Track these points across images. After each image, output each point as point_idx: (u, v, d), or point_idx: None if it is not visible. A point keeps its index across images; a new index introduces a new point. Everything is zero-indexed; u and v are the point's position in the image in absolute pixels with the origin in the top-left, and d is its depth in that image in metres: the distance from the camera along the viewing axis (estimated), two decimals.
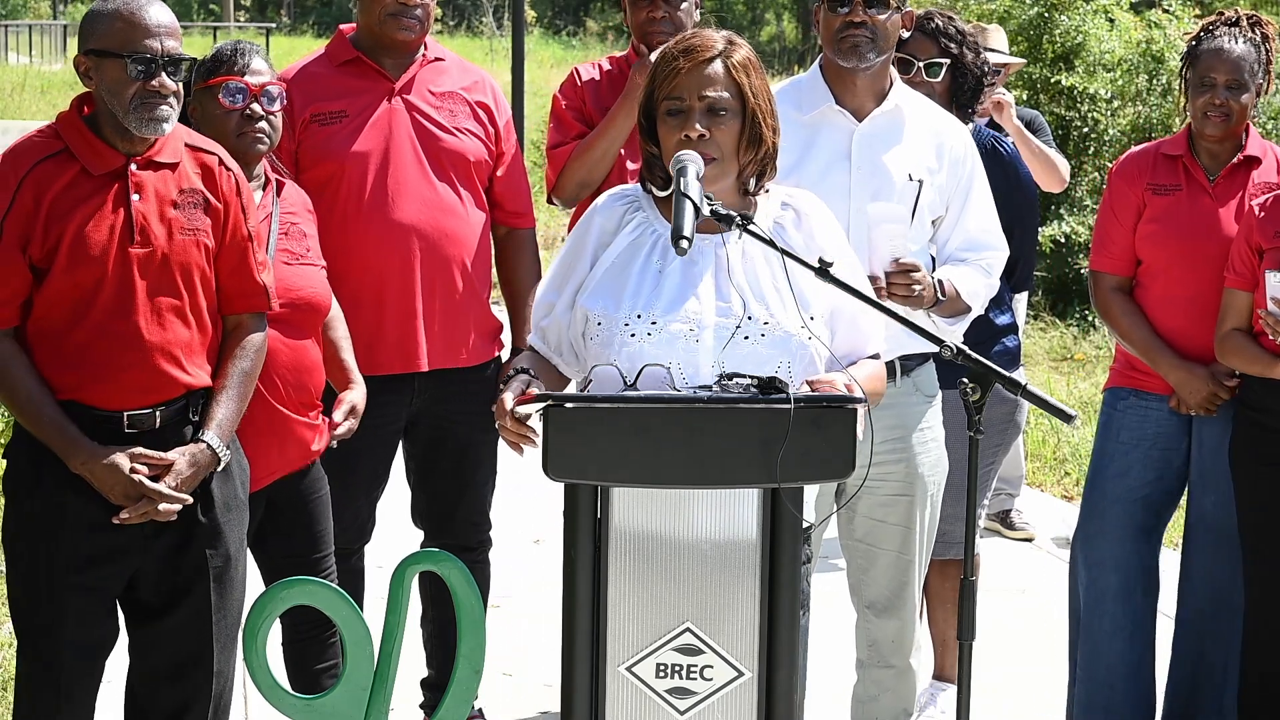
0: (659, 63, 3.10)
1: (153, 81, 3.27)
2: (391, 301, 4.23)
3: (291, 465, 3.82)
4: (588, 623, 2.81)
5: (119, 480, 3.29)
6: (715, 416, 2.75)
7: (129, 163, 3.33)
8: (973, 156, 3.95)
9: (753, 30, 40.36)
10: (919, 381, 3.95)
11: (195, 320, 3.39)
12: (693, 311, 3.00)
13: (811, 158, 3.81)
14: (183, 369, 3.37)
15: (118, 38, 3.29)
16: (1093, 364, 10.22)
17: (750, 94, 3.07)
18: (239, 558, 3.52)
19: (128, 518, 3.30)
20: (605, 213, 3.16)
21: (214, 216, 3.42)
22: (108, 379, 3.31)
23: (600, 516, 2.81)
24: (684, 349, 2.97)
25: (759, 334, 3.00)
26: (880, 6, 3.77)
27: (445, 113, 4.33)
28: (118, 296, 3.30)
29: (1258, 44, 4.21)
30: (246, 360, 3.48)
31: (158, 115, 3.29)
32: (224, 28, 36.18)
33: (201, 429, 3.40)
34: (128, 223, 3.30)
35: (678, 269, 3.04)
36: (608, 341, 3.01)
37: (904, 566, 3.98)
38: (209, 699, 3.49)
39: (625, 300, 3.02)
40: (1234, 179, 4.24)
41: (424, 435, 4.41)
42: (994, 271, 3.96)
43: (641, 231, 3.10)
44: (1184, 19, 11.95)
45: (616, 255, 3.09)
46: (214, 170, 3.44)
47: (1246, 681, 4.18)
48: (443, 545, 4.16)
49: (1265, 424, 4.07)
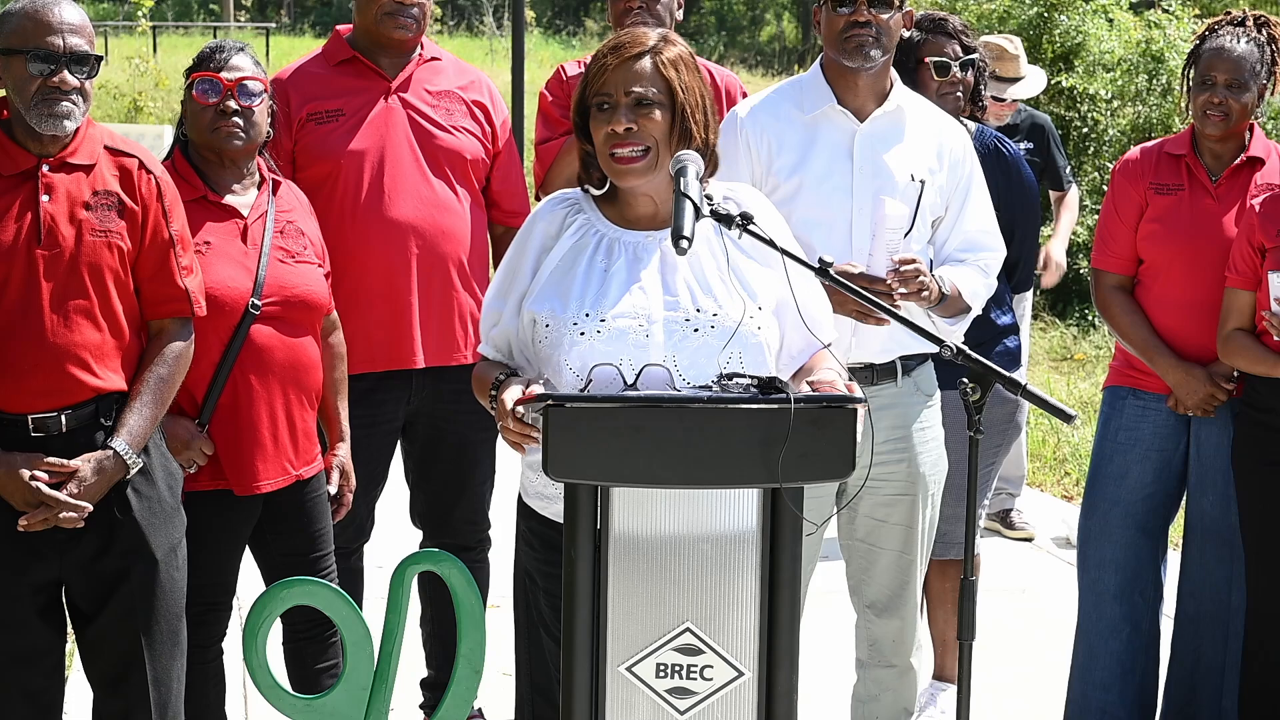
0: (591, 61, 3.11)
1: (54, 78, 3.26)
2: (388, 299, 4.23)
3: (295, 465, 3.81)
4: (588, 623, 2.81)
5: (18, 487, 3.26)
6: (715, 416, 2.75)
7: (40, 164, 3.31)
8: (971, 157, 3.96)
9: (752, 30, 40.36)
10: (919, 381, 3.96)
11: (108, 323, 3.35)
12: (640, 307, 3.00)
13: (814, 157, 3.81)
14: (91, 372, 3.32)
15: (21, 35, 3.29)
16: (1093, 364, 10.23)
17: (680, 89, 3.05)
18: (170, 563, 3.46)
19: (28, 525, 3.26)
20: (546, 217, 3.16)
21: (130, 219, 3.38)
22: (12, 381, 3.28)
23: (600, 516, 2.81)
24: (634, 344, 2.98)
25: (708, 326, 3.00)
26: (884, 6, 3.77)
27: (442, 111, 4.33)
28: (23, 297, 3.27)
29: (1262, 44, 4.20)
30: (164, 366, 3.42)
31: (58, 111, 3.27)
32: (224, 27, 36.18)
33: (111, 435, 3.35)
34: (35, 224, 3.28)
35: (623, 267, 3.05)
36: (557, 342, 3.01)
37: (905, 566, 3.98)
38: (150, 707, 3.44)
39: (572, 300, 3.03)
40: (1236, 180, 4.24)
41: (422, 434, 4.41)
42: (992, 272, 3.96)
43: (584, 233, 3.11)
44: (1184, 19, 11.96)
45: (560, 258, 3.09)
46: (132, 173, 3.41)
47: (1247, 682, 4.17)
48: (442, 545, 4.17)
49: (1269, 424, 4.06)
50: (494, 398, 3.01)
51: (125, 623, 3.41)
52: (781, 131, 3.83)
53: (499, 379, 3.02)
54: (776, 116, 3.86)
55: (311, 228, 3.94)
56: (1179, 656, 4.39)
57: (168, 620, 3.46)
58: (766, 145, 3.82)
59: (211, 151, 3.76)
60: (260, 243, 3.75)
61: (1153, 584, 4.40)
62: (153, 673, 3.44)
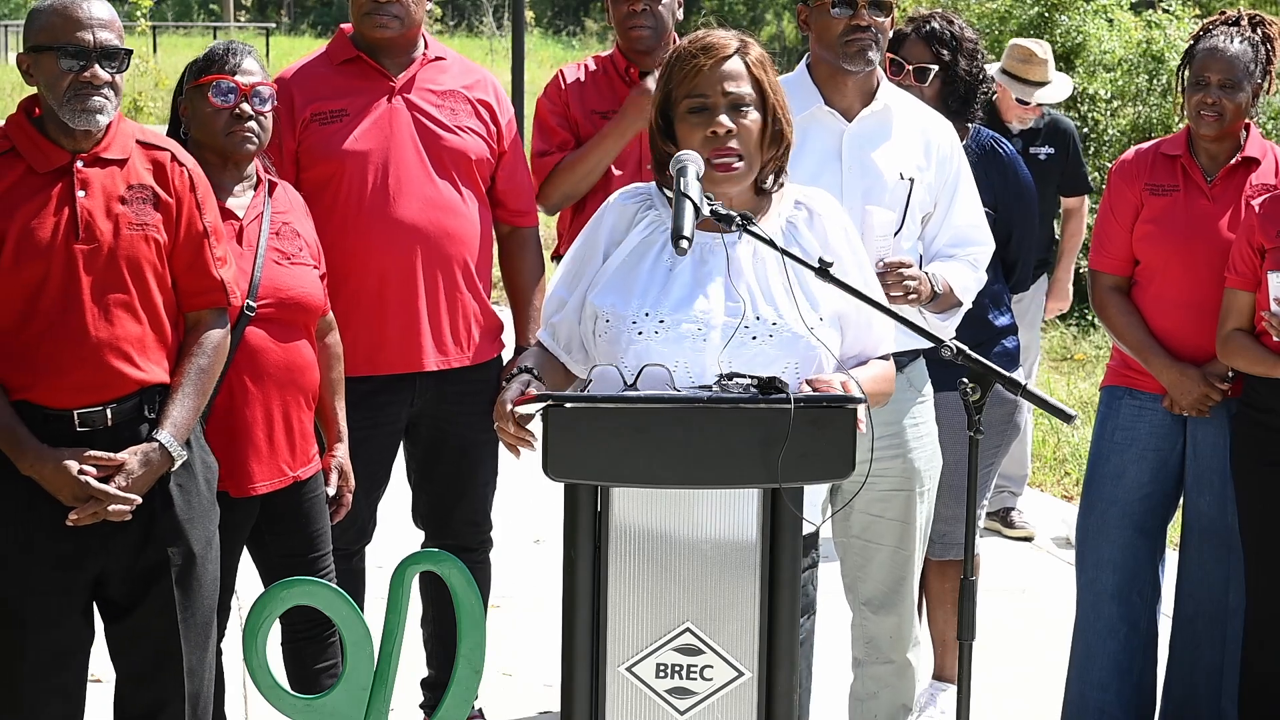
0: (675, 62, 3.09)
1: (85, 73, 3.28)
2: (393, 301, 4.22)
3: (292, 467, 3.82)
4: (588, 623, 2.81)
5: (66, 482, 3.27)
6: (715, 416, 2.75)
7: (75, 160, 3.33)
8: (958, 153, 3.96)
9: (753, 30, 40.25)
10: (911, 377, 3.97)
11: (148, 316, 3.37)
12: (701, 310, 3.00)
13: (802, 158, 3.81)
14: (134, 365, 3.34)
15: (52, 32, 3.30)
16: (1093, 364, 10.22)
17: (770, 89, 3.08)
18: (206, 556, 3.49)
19: (77, 519, 3.29)
20: (617, 210, 3.16)
21: (165, 211, 3.40)
22: (56, 377, 3.30)
23: (600, 516, 2.81)
24: (691, 348, 2.97)
25: (767, 334, 2.99)
26: (882, 10, 3.78)
27: (446, 111, 4.31)
28: (63, 293, 3.29)
29: (1257, 44, 4.20)
30: (204, 357, 3.45)
31: (90, 106, 3.29)
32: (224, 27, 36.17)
33: (156, 428, 3.37)
34: (72, 219, 3.30)
35: (688, 268, 3.03)
36: (615, 339, 3.01)
37: (901, 561, 3.99)
38: (183, 699, 3.47)
39: (634, 298, 3.02)
40: (1232, 180, 4.24)
41: (425, 436, 4.40)
42: (981, 265, 3.97)
43: (652, 230, 3.09)
44: (1184, 19, 11.96)
45: (628, 253, 3.08)
46: (165, 166, 3.42)
47: (1247, 683, 4.17)
48: (443, 545, 4.16)
49: (1268, 425, 4.06)
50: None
51: (163, 615, 3.43)
52: None
53: (509, 375, 3.00)
54: None
55: (307, 229, 3.93)
56: (1178, 657, 4.39)
57: (203, 613, 3.49)
58: None
59: (216, 154, 3.75)
60: (255, 244, 3.75)
61: (1150, 584, 4.40)
62: (187, 664, 3.46)
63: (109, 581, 3.42)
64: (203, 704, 3.54)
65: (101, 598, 3.46)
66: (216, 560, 3.55)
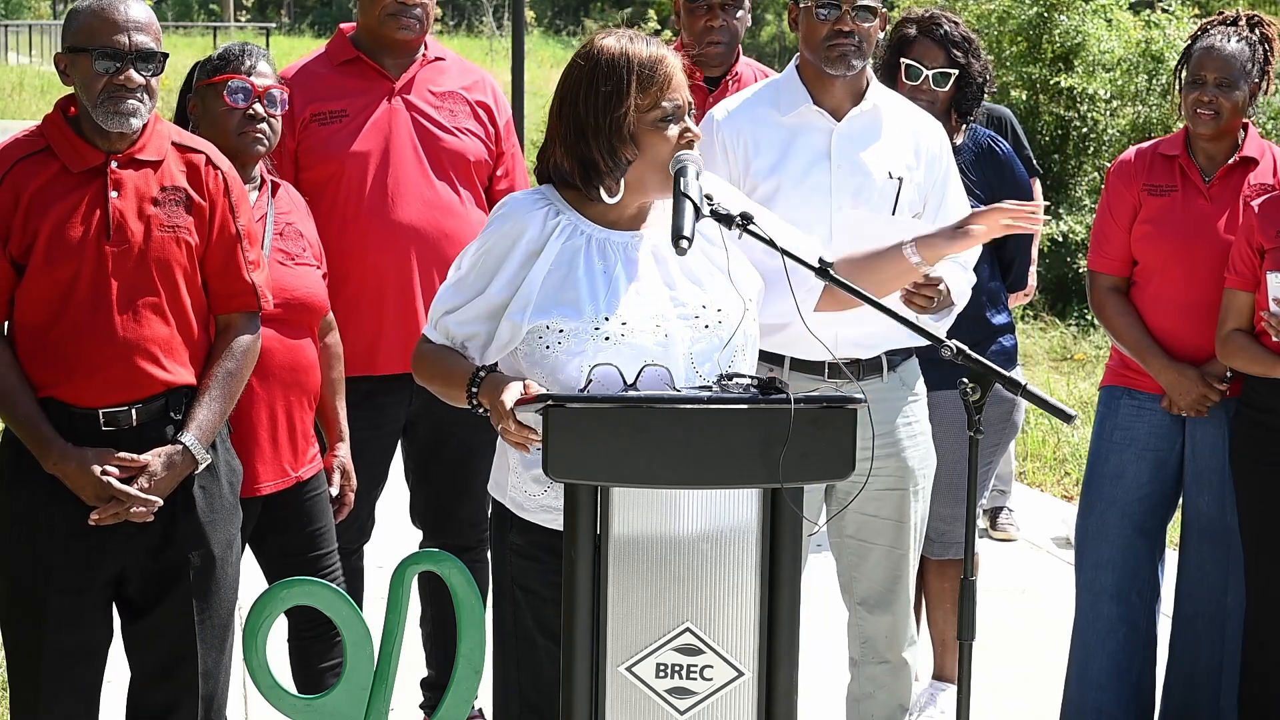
0: (644, 69, 2.97)
1: (120, 76, 3.28)
2: (391, 301, 4.23)
3: (294, 467, 3.82)
4: (588, 623, 2.81)
5: (89, 481, 3.28)
6: (715, 417, 2.75)
7: (109, 160, 3.33)
8: (947, 153, 3.97)
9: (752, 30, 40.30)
10: (904, 376, 3.98)
11: (176, 318, 3.38)
12: (653, 307, 3.00)
13: (792, 158, 3.82)
14: (161, 366, 3.35)
15: (88, 33, 3.31)
16: (1092, 364, 10.23)
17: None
18: (226, 559, 3.49)
19: (99, 519, 3.29)
20: (525, 217, 3.03)
21: (198, 214, 3.40)
22: (83, 376, 3.30)
23: (600, 516, 2.81)
24: (656, 345, 2.97)
25: (717, 321, 3.02)
26: (868, 14, 3.78)
27: (445, 112, 4.32)
28: (93, 293, 3.29)
29: (1254, 43, 4.20)
30: (232, 361, 3.45)
31: (124, 109, 3.29)
32: (224, 28, 36.19)
33: (181, 430, 3.38)
34: (104, 220, 3.30)
35: (622, 268, 3.02)
36: (577, 350, 2.95)
37: (896, 560, 3.99)
38: (197, 700, 3.48)
39: (585, 306, 2.97)
40: (1230, 180, 4.24)
41: (423, 435, 4.41)
42: (970, 265, 3.96)
43: (571, 235, 3.03)
44: (1183, 19, 11.96)
45: (552, 262, 3.01)
46: (200, 168, 3.43)
47: (1247, 683, 4.17)
48: (442, 545, 4.16)
49: (1268, 425, 4.06)
50: (474, 394, 2.96)
51: (180, 617, 3.44)
52: (758, 133, 3.84)
53: (478, 376, 2.97)
54: (753, 118, 3.87)
55: (309, 230, 3.94)
56: (1177, 657, 4.39)
57: (220, 616, 3.49)
58: (743, 147, 3.83)
59: (224, 153, 3.75)
60: (259, 243, 3.75)
61: (1150, 584, 4.40)
62: (203, 666, 3.47)
63: (128, 581, 3.43)
64: (216, 707, 3.54)
65: (120, 597, 3.47)
66: (238, 564, 3.56)
